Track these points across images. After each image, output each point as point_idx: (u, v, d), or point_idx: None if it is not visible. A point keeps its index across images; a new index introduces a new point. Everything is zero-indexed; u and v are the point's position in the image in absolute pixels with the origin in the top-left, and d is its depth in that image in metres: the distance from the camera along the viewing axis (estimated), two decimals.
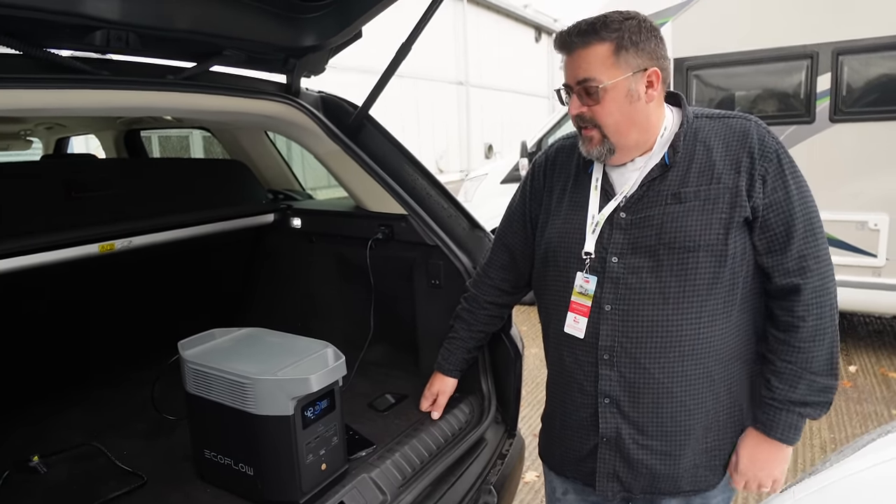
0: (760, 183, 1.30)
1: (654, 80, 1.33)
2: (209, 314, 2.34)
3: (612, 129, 1.34)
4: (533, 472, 3.17)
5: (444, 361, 1.84)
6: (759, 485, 1.43)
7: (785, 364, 1.35)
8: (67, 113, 1.91)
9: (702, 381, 1.37)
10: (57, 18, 1.39)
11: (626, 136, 1.35)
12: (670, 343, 1.35)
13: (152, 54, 1.78)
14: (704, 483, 1.45)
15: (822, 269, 1.32)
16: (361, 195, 2.22)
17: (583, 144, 1.39)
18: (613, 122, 1.33)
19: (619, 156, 1.38)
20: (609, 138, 1.35)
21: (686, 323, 1.33)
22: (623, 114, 1.33)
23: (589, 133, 1.36)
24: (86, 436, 1.88)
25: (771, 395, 1.37)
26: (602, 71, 1.29)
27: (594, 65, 1.30)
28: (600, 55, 1.29)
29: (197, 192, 2.42)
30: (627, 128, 1.35)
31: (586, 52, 1.30)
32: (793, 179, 1.32)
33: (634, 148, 1.38)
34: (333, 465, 1.54)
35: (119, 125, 3.54)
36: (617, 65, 1.29)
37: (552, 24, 22.52)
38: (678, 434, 1.40)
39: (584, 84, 1.31)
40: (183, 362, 1.56)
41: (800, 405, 1.36)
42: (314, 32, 1.93)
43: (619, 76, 1.29)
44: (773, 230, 1.31)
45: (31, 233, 1.79)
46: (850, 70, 4.41)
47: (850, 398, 4.03)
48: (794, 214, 1.30)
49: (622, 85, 1.30)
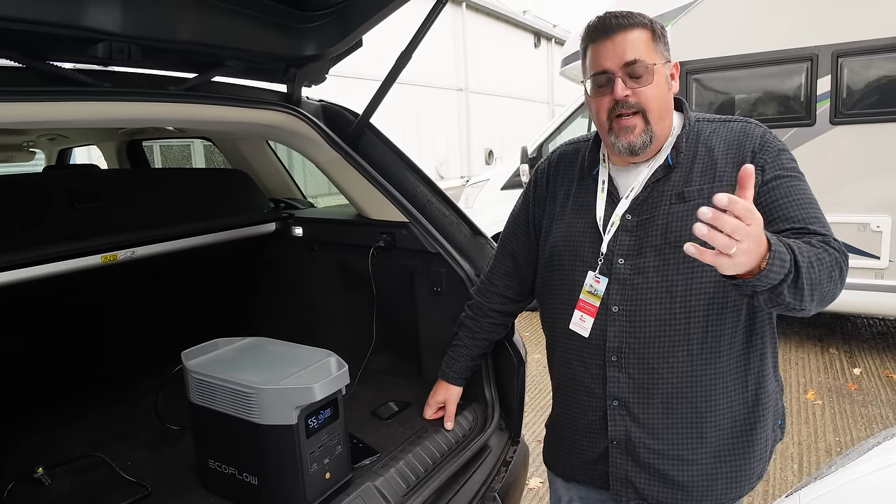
0: (759, 172, 1.29)
1: (674, 73, 1.38)
2: (212, 324, 2.34)
3: (656, 115, 1.34)
4: (537, 479, 3.16)
5: (448, 370, 1.84)
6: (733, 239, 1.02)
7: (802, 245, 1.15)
8: (70, 125, 1.92)
9: (713, 382, 1.36)
10: (59, 31, 1.40)
11: (663, 123, 1.37)
12: (679, 343, 1.34)
13: (154, 66, 1.79)
14: (722, 497, 1.41)
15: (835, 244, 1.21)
16: (363, 203, 2.22)
17: (620, 137, 1.34)
18: (657, 106, 1.34)
19: (651, 149, 1.36)
20: (652, 125, 1.34)
21: (695, 322, 1.33)
22: (664, 99, 1.35)
23: (630, 122, 1.33)
24: (90, 446, 1.88)
25: (787, 243, 1.12)
26: (648, 53, 1.31)
27: (640, 47, 1.31)
28: (644, 38, 1.32)
29: (199, 201, 2.43)
30: (666, 114, 1.37)
31: (631, 34, 1.31)
32: (792, 172, 1.32)
33: (663, 139, 1.38)
34: (337, 474, 1.53)
35: (121, 136, 3.55)
36: (657, 50, 1.33)
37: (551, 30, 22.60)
38: (690, 437, 1.38)
39: (632, 66, 1.30)
40: (186, 372, 1.56)
41: (797, 266, 1.11)
42: (314, 42, 1.94)
43: (660, 60, 1.33)
44: (773, 215, 1.27)
45: (34, 244, 1.80)
46: (850, 72, 4.42)
47: (854, 401, 4.02)
48: (793, 202, 1.27)
49: (663, 70, 1.34)
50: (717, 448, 1.40)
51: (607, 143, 1.40)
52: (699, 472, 1.40)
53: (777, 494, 3.00)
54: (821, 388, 4.24)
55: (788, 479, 3.13)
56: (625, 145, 1.34)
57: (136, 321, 2.46)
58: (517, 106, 20.76)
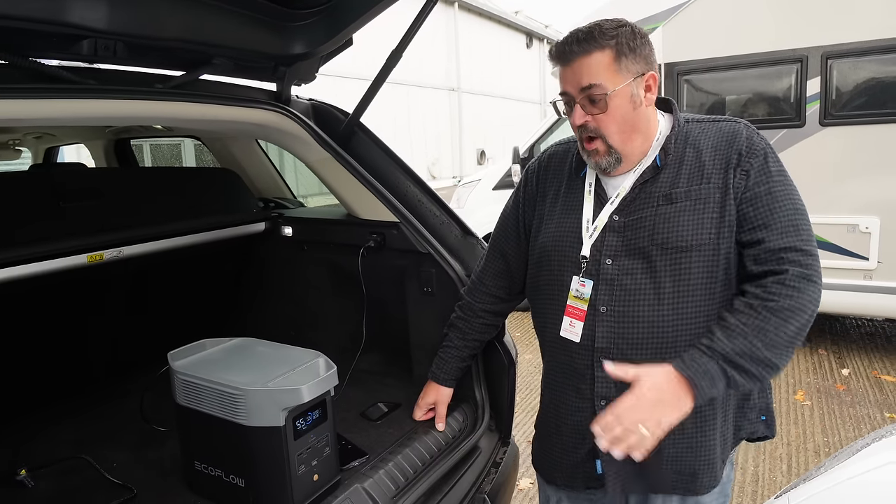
0: (743, 177, 1.31)
1: (651, 84, 1.35)
2: (200, 324, 2.32)
3: (616, 139, 1.34)
4: (527, 479, 3.16)
5: (438, 371, 1.83)
6: (635, 425, 1.21)
7: (737, 322, 1.24)
8: (55, 123, 1.90)
9: None
10: (43, 28, 1.38)
11: (631, 143, 1.36)
12: (667, 343, 1.35)
13: (140, 63, 1.77)
14: (701, 486, 1.43)
15: (806, 261, 1.26)
16: (353, 203, 2.21)
17: (589, 157, 1.39)
18: (618, 129, 1.33)
19: (625, 164, 1.38)
20: (615, 148, 1.35)
21: (682, 323, 1.33)
22: (628, 121, 1.34)
23: (592, 146, 1.36)
24: (74, 448, 1.85)
25: (709, 344, 1.25)
26: (606, 77, 1.30)
27: (597, 71, 1.30)
28: (603, 62, 1.29)
29: (187, 201, 2.40)
30: (631, 134, 1.36)
31: (588, 59, 1.30)
32: (778, 176, 1.31)
33: (638, 154, 1.38)
34: (325, 476, 1.52)
35: (108, 134, 3.52)
36: (619, 71, 1.30)
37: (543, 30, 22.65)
38: (675, 432, 1.37)
39: (588, 91, 1.31)
40: (173, 373, 1.54)
41: (728, 363, 1.23)
42: (304, 40, 1.92)
43: (623, 82, 1.30)
44: (753, 223, 1.30)
45: (18, 243, 1.77)
46: (839, 74, 4.44)
47: (843, 402, 4.04)
48: (775, 209, 1.28)
49: (626, 91, 1.31)
50: (705, 444, 1.41)
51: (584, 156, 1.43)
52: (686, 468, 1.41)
53: (766, 495, 3.01)
54: (809, 389, 4.26)
55: (777, 480, 3.15)
56: (594, 164, 1.40)
57: (123, 321, 2.43)
58: (509, 106, 20.79)
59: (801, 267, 1.25)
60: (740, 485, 3.10)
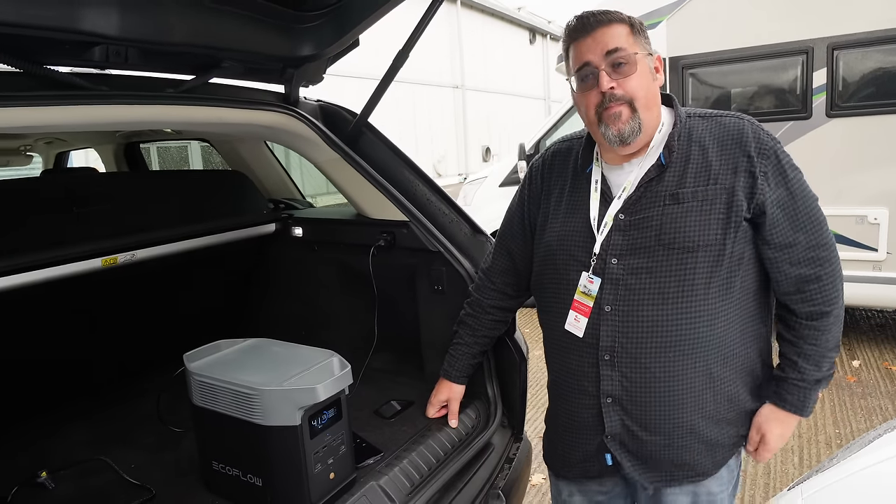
0: (764, 181, 1.32)
1: (658, 67, 1.39)
2: (213, 325, 2.34)
3: (642, 103, 1.34)
4: (539, 475, 3.17)
5: (450, 368, 1.84)
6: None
7: (812, 347, 1.39)
8: (68, 129, 1.92)
9: (702, 380, 1.38)
10: (56, 35, 1.40)
11: (652, 112, 1.37)
12: (670, 343, 1.36)
13: (151, 68, 1.79)
14: (703, 469, 1.45)
15: (832, 256, 1.37)
16: (362, 203, 2.22)
17: (608, 126, 1.34)
18: (643, 94, 1.34)
19: (641, 137, 1.36)
20: (639, 112, 1.34)
21: (685, 323, 1.34)
22: (649, 89, 1.36)
23: (616, 108, 1.33)
24: (93, 450, 1.87)
25: (801, 377, 1.41)
26: (629, 44, 1.33)
27: (621, 38, 1.33)
28: (623, 32, 1.33)
29: (198, 203, 2.42)
30: (653, 103, 1.38)
31: (609, 28, 1.33)
32: (792, 174, 1.35)
33: (649, 132, 1.38)
34: (342, 474, 1.53)
35: (118, 138, 3.55)
36: (637, 42, 1.34)
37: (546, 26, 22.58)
38: (681, 431, 1.41)
39: (614, 55, 1.31)
40: (189, 374, 1.56)
41: (821, 382, 1.42)
42: (311, 42, 1.94)
43: (642, 51, 1.34)
44: (782, 224, 1.34)
45: (33, 249, 1.79)
46: (845, 65, 4.42)
47: (854, 393, 4.03)
48: (798, 207, 1.34)
49: (645, 60, 1.35)
50: (712, 438, 1.43)
51: (598, 136, 1.40)
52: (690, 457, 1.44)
53: (778, 487, 3.01)
54: None
55: (789, 472, 3.14)
56: (614, 134, 1.34)
57: (137, 324, 2.46)
58: (513, 103, 20.74)
59: (831, 264, 1.36)
60: (752, 477, 3.11)
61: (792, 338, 1.42)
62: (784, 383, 1.43)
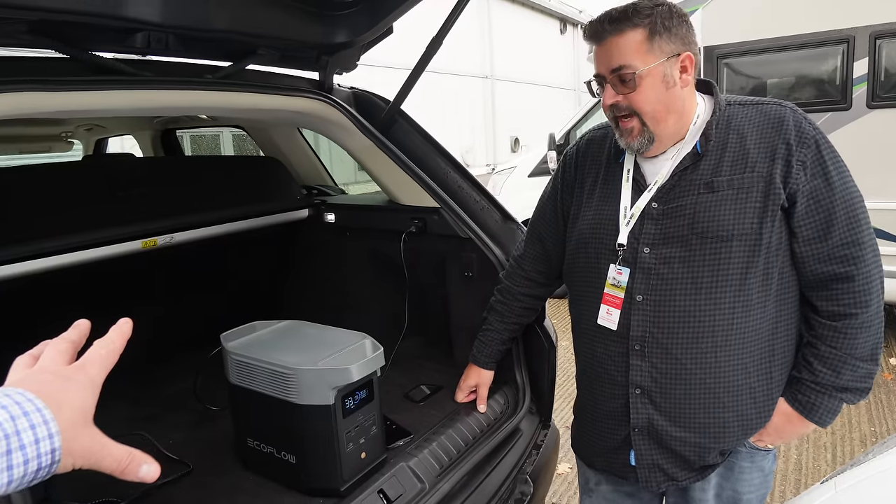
0: (800, 169, 1.28)
1: (687, 65, 1.32)
2: (247, 307, 2.39)
3: (650, 117, 1.32)
4: (566, 464, 3.18)
5: (479, 354, 1.85)
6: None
7: (830, 349, 1.33)
8: (112, 114, 1.97)
9: (737, 374, 1.35)
10: (101, 21, 1.44)
11: (665, 124, 1.34)
12: (703, 333, 1.33)
13: (190, 55, 1.82)
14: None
15: (867, 256, 1.29)
16: (394, 189, 2.24)
17: (622, 137, 1.37)
18: (651, 109, 1.31)
19: (657, 145, 1.36)
20: (648, 127, 1.33)
21: (719, 313, 1.32)
22: (660, 101, 1.31)
23: (628, 124, 1.34)
24: (131, 426, 1.93)
25: (814, 379, 1.35)
26: (637, 57, 1.28)
27: (628, 52, 1.28)
28: (634, 41, 1.28)
29: (234, 188, 2.47)
30: (665, 115, 1.33)
31: (620, 39, 1.29)
32: (833, 166, 1.29)
33: (673, 136, 1.37)
34: (373, 454, 1.56)
35: (156, 125, 3.62)
36: (651, 51, 1.28)
37: (577, 16, 22.28)
38: (712, 427, 1.38)
39: (618, 72, 1.30)
40: (226, 354, 1.60)
41: (842, 391, 1.34)
42: (346, 29, 1.96)
43: (654, 62, 1.28)
44: (813, 217, 1.29)
45: (78, 230, 1.85)
46: (888, 54, 4.29)
47: (891, 391, 3.95)
48: (835, 202, 1.28)
49: (658, 70, 1.29)
50: (741, 436, 1.41)
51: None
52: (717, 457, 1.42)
53: (810, 483, 2.98)
54: None
55: (822, 469, 3.10)
56: (626, 144, 1.38)
57: (174, 304, 2.52)
58: (543, 93, 20.55)
59: (866, 265, 1.29)
60: (783, 473, 3.07)
61: (811, 338, 1.36)
62: (797, 383, 1.38)
